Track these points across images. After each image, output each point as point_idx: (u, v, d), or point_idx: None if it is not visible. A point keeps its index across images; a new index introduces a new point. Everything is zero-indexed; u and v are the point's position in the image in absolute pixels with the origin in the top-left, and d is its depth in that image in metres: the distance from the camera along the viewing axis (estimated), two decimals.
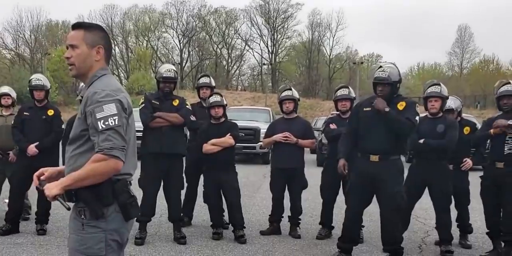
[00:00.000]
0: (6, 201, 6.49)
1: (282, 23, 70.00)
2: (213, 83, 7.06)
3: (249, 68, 75.34)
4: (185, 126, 6.16)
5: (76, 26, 2.59)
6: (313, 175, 6.96)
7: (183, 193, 6.35)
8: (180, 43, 71.14)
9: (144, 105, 5.87)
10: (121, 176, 2.49)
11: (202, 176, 6.51)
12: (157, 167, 5.79)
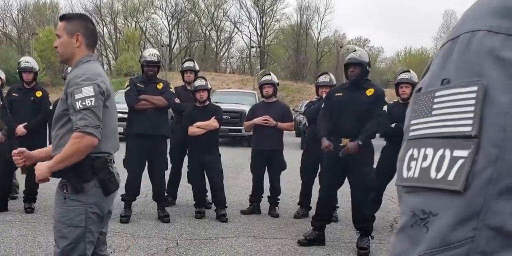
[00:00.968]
0: None
1: (271, 5, 69.66)
2: (197, 67, 7.26)
3: (238, 50, 75.29)
4: (169, 108, 6.39)
5: (61, 18, 2.88)
6: (296, 157, 7.20)
7: (167, 173, 6.58)
8: (169, 25, 70.67)
9: (129, 88, 6.07)
10: (100, 154, 2.73)
11: (186, 157, 6.75)
12: (142, 148, 5.98)
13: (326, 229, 5.48)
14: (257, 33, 70.38)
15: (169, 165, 6.66)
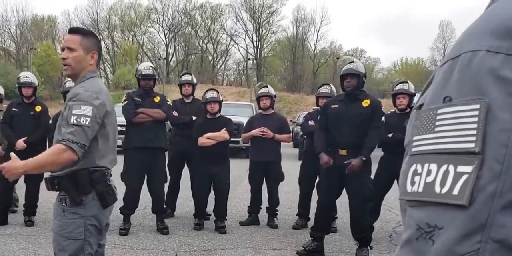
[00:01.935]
0: None
1: (267, 18, 70.09)
2: (195, 81, 7.32)
3: (235, 63, 75.52)
4: (167, 121, 6.44)
5: (74, 31, 2.89)
6: (294, 169, 7.21)
7: (166, 185, 6.59)
8: (166, 38, 71.04)
9: (127, 102, 6.11)
10: (98, 168, 2.77)
11: (184, 169, 6.77)
12: (140, 161, 6.01)
13: (325, 239, 5.50)
14: (254, 45, 70.75)
15: (168, 177, 6.68)
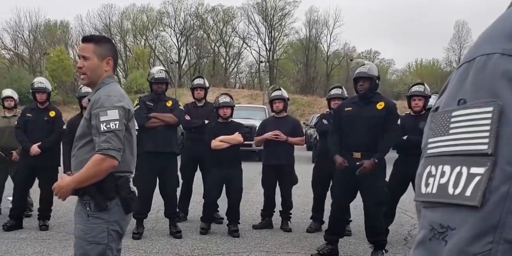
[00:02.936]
0: (9, 199, 6.76)
1: (279, 20, 70.12)
2: (207, 84, 7.32)
3: (247, 65, 75.66)
4: (179, 125, 6.44)
5: (87, 39, 2.90)
6: (308, 171, 7.18)
7: (178, 189, 6.58)
8: (178, 42, 71.34)
9: (139, 106, 6.09)
10: (123, 173, 2.81)
11: (197, 173, 6.76)
12: (153, 165, 6.00)
13: (339, 243, 5.47)
14: (266, 48, 70.82)
15: (180, 181, 6.68)
